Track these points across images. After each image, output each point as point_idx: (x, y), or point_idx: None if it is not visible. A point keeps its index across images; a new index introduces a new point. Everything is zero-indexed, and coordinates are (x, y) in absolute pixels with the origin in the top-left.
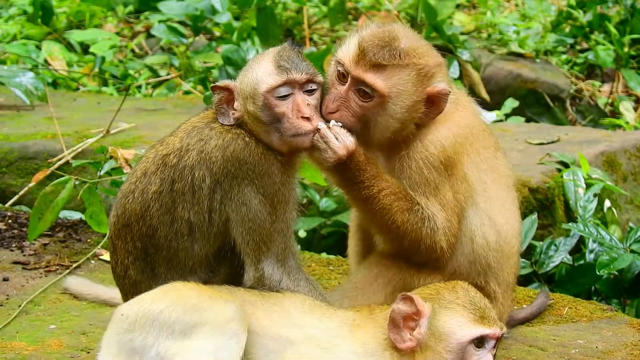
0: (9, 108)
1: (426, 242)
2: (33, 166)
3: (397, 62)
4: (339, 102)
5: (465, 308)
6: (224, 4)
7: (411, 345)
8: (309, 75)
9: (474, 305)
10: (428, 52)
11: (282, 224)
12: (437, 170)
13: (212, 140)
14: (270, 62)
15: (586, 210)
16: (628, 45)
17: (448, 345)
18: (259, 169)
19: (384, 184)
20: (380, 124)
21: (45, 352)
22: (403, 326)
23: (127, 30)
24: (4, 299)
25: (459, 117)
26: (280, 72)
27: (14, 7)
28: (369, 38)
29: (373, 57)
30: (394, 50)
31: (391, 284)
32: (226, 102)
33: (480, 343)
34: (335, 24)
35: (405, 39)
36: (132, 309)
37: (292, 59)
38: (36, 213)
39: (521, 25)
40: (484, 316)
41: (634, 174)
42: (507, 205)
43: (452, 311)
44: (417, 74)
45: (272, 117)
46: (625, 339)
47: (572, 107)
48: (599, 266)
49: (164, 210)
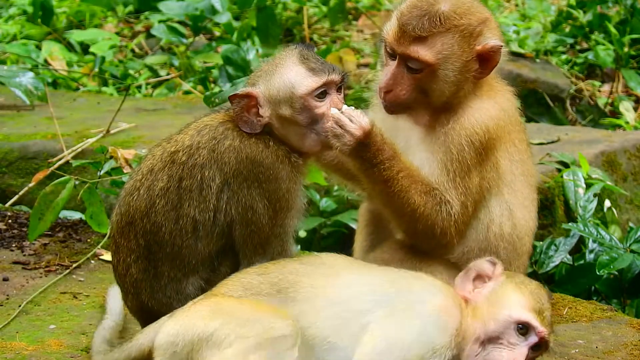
0: (9, 108)
1: (440, 226)
2: (33, 166)
3: (437, 29)
4: (392, 80)
5: (531, 295)
6: (224, 4)
7: (468, 297)
8: (342, 76)
9: (539, 299)
10: (470, 11)
11: (281, 229)
12: (476, 152)
13: (227, 140)
14: (300, 65)
15: (586, 210)
16: (628, 45)
17: (497, 315)
18: (269, 172)
19: (402, 164)
20: (436, 89)
21: (45, 352)
22: (473, 279)
23: (127, 30)
24: (4, 299)
25: (503, 100)
26: (317, 74)
27: (14, 7)
28: (407, 10)
29: (412, 30)
30: (432, 18)
31: None
32: (247, 109)
33: (524, 331)
34: (335, 24)
35: (445, 4)
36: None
37: (320, 60)
38: (36, 213)
39: (521, 25)
40: (542, 312)
41: (634, 174)
42: (527, 203)
43: (518, 290)
44: (461, 36)
45: (310, 118)
46: (625, 339)
47: (572, 107)
48: (599, 266)
49: (169, 207)
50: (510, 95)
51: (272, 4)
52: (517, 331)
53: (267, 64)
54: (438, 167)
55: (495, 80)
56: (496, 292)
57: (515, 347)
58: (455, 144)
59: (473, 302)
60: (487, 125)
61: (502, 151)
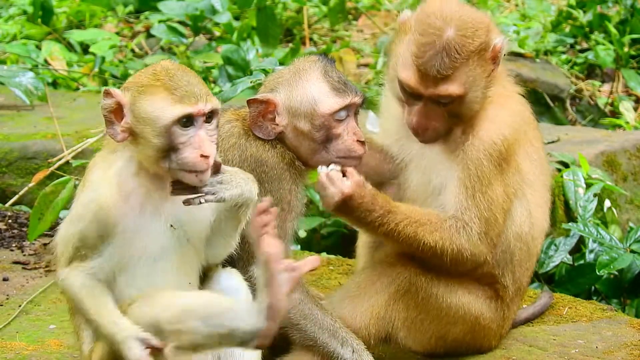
0: (9, 108)
1: (468, 249)
2: (33, 166)
3: (458, 62)
4: (424, 119)
5: (165, 89)
6: (224, 4)
7: (124, 136)
8: (363, 98)
9: (175, 85)
10: (475, 26)
11: (281, 230)
12: (496, 162)
13: (232, 138)
14: (324, 82)
15: (586, 210)
16: (628, 45)
17: (154, 130)
18: (273, 172)
19: (400, 216)
20: (468, 110)
21: (45, 352)
22: (114, 120)
23: (127, 30)
24: (4, 299)
25: (514, 104)
26: (341, 95)
27: (14, 7)
28: (420, 51)
29: (437, 73)
30: (449, 52)
31: (395, 284)
32: (263, 115)
33: (189, 122)
34: (335, 24)
35: (450, 30)
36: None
37: (343, 79)
38: (36, 213)
39: (521, 25)
40: (186, 95)
41: (634, 174)
42: (542, 203)
43: (150, 95)
44: (478, 57)
45: (326, 137)
46: (625, 339)
47: (572, 107)
48: (599, 266)
49: None
50: (520, 93)
51: (272, 4)
52: (182, 127)
53: (288, 71)
54: (457, 186)
55: (503, 77)
56: (137, 112)
57: (191, 138)
58: (473, 160)
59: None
60: (504, 133)
61: (522, 153)
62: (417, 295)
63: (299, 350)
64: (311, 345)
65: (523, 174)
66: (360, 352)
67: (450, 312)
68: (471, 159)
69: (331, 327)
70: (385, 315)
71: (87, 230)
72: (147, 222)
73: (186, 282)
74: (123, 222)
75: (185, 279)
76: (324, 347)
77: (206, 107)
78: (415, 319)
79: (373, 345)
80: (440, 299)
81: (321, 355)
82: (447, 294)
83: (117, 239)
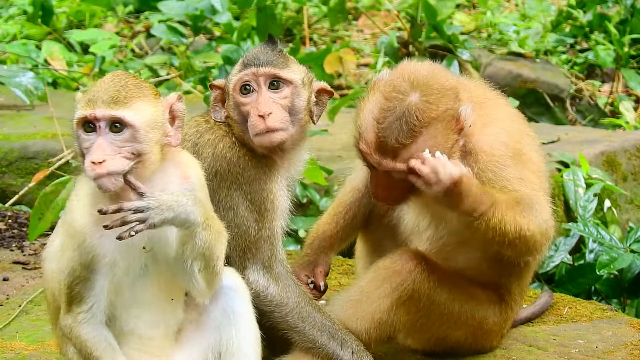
0: (9, 108)
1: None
2: (33, 166)
3: (417, 130)
4: (385, 191)
5: (86, 93)
6: (224, 4)
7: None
8: (271, 66)
9: (92, 90)
10: (441, 92)
11: (269, 231)
12: (512, 163)
13: (206, 134)
14: (242, 59)
15: (586, 210)
16: (628, 45)
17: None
18: (248, 174)
19: (502, 206)
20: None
21: (45, 352)
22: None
23: (127, 30)
24: (4, 299)
25: (501, 112)
26: (245, 68)
27: (14, 7)
28: (381, 118)
29: (395, 142)
30: (409, 120)
31: (398, 290)
32: (221, 100)
33: (90, 128)
34: (335, 24)
35: (413, 91)
36: None
37: (258, 53)
38: (36, 213)
39: (521, 25)
40: (91, 99)
41: (634, 174)
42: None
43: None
44: (442, 124)
45: (241, 115)
46: (625, 339)
47: (572, 107)
48: (599, 266)
49: None
50: (500, 99)
51: (272, 4)
52: (84, 132)
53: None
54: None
55: (482, 94)
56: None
57: (92, 143)
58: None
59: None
60: (503, 141)
61: (528, 146)
62: (419, 302)
63: (299, 351)
64: (310, 347)
65: (536, 163)
66: (360, 352)
67: (452, 318)
68: (489, 179)
69: (330, 328)
70: (388, 320)
71: (73, 260)
72: (122, 244)
73: (168, 298)
74: (100, 245)
75: (167, 294)
76: (324, 349)
77: (103, 114)
78: (417, 323)
79: (373, 348)
80: (443, 305)
81: (321, 356)
82: (450, 301)
83: (101, 265)
